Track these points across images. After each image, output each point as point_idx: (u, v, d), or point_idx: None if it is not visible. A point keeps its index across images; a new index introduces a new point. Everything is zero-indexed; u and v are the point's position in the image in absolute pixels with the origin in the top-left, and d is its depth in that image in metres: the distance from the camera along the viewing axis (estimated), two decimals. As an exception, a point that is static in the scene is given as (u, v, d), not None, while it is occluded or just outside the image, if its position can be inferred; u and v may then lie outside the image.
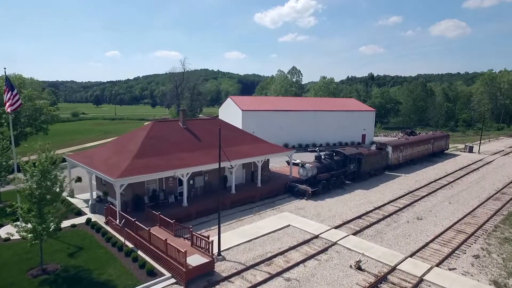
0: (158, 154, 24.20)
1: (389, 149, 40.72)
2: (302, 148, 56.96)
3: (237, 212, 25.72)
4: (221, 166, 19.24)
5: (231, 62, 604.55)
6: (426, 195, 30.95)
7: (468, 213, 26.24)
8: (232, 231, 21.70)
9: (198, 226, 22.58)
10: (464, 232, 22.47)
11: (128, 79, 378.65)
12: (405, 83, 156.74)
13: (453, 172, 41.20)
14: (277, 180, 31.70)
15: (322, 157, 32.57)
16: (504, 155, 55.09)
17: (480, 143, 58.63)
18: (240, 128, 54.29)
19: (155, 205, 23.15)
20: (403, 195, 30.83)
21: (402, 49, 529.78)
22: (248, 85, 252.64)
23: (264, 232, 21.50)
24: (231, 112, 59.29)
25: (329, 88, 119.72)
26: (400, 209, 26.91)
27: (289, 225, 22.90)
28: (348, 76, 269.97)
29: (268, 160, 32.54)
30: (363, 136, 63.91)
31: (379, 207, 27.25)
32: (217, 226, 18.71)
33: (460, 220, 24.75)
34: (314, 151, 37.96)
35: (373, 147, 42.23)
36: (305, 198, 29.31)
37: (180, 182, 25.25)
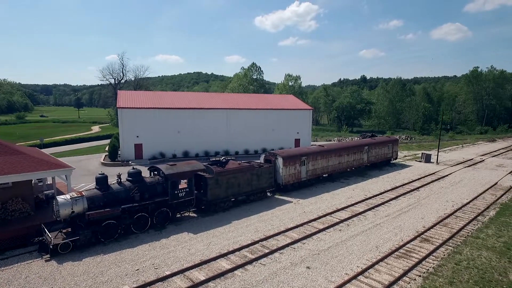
0: None
1: (279, 161, 27.54)
2: (208, 158, 43.74)
3: None
4: None
5: (231, 66, 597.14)
6: (283, 247, 17.65)
7: (320, 299, 13.04)
8: None
9: None
10: None
11: (119, 82, 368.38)
12: (383, 83, 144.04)
13: (377, 195, 28.01)
14: (38, 220, 18.52)
15: (117, 179, 19.34)
16: (469, 166, 41.79)
17: (438, 150, 45.25)
18: (119, 131, 41.26)
19: None
20: (242, 248, 17.51)
21: (402, 53, 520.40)
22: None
23: None
24: (119, 111, 46.21)
25: (294, 87, 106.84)
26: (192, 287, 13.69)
27: None
28: (340, 79, 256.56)
29: (29, 183, 19.43)
30: (297, 140, 50.75)
31: (154, 283, 13.99)
32: None
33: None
34: (217, 161, 25.48)
35: (261, 159, 29.24)
36: (48, 256, 16.18)
37: None
